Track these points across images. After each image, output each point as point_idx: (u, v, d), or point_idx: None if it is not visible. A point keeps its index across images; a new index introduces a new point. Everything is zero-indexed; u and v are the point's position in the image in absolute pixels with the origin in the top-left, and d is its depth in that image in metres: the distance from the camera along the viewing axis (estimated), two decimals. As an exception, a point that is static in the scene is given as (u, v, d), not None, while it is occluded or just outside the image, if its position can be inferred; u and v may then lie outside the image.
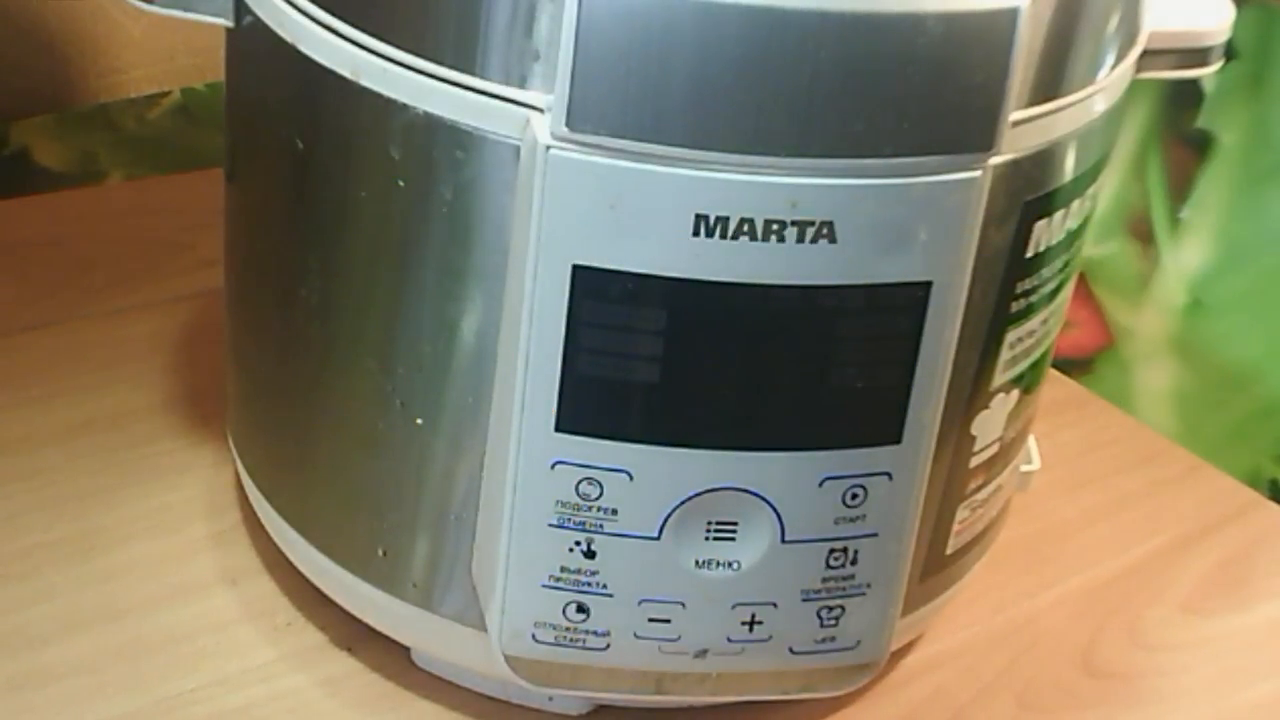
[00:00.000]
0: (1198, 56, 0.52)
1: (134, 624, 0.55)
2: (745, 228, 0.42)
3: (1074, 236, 0.50)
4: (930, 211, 0.43)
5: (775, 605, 0.48)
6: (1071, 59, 0.46)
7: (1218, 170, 0.76)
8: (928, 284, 0.44)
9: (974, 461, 0.51)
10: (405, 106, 0.44)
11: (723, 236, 0.42)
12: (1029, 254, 0.47)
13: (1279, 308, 0.76)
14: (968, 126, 0.42)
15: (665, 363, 0.44)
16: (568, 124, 0.41)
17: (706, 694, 0.50)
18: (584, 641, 0.48)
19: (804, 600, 0.48)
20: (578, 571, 0.47)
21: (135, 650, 0.54)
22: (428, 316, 0.47)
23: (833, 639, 0.49)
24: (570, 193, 0.42)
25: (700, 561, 0.47)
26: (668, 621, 0.48)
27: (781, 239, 0.42)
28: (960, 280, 0.44)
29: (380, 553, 0.51)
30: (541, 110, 0.42)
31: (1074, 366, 0.80)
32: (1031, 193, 0.46)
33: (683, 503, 0.46)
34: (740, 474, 0.45)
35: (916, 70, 0.41)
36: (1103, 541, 0.65)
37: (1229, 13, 0.52)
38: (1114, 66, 0.48)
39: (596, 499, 0.46)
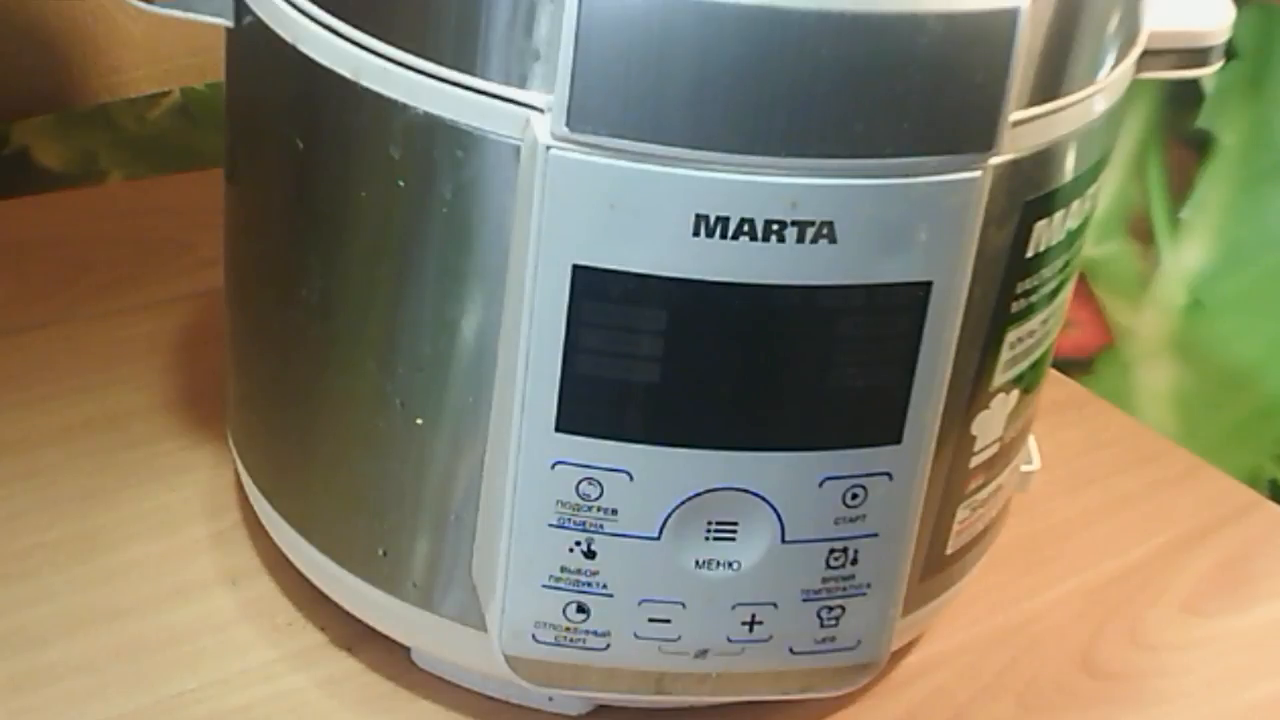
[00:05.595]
0: (1198, 57, 0.52)
1: (134, 624, 0.55)
2: (745, 228, 0.42)
3: (1074, 236, 0.50)
4: (930, 211, 0.43)
5: (775, 605, 0.48)
6: (1071, 59, 0.46)
7: (1218, 170, 0.76)
8: (928, 284, 0.44)
9: (974, 461, 0.51)
10: (405, 106, 0.44)
11: (723, 236, 0.42)
12: (1029, 254, 0.47)
13: (1279, 308, 0.76)
14: (968, 126, 0.42)
15: (665, 363, 0.44)
16: (568, 124, 0.41)
17: (706, 694, 0.50)
18: (584, 641, 0.48)
19: (804, 600, 0.48)
20: (578, 571, 0.47)
21: (135, 650, 0.54)
22: (428, 316, 0.47)
23: (833, 639, 0.49)
24: (570, 193, 0.42)
25: (700, 561, 0.47)
26: (668, 621, 0.48)
27: (781, 239, 0.42)
28: (960, 280, 0.44)
29: (380, 553, 0.51)
30: (542, 110, 0.42)
31: (1074, 366, 0.80)
32: (1032, 193, 0.46)
33: (683, 503, 0.46)
34: (740, 474, 0.45)
35: (917, 70, 0.41)
36: (1103, 541, 0.65)
37: (1229, 13, 0.52)
38: (1114, 67, 0.48)
39: (596, 499, 0.46)
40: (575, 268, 0.43)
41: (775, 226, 0.42)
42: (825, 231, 0.42)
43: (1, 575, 0.57)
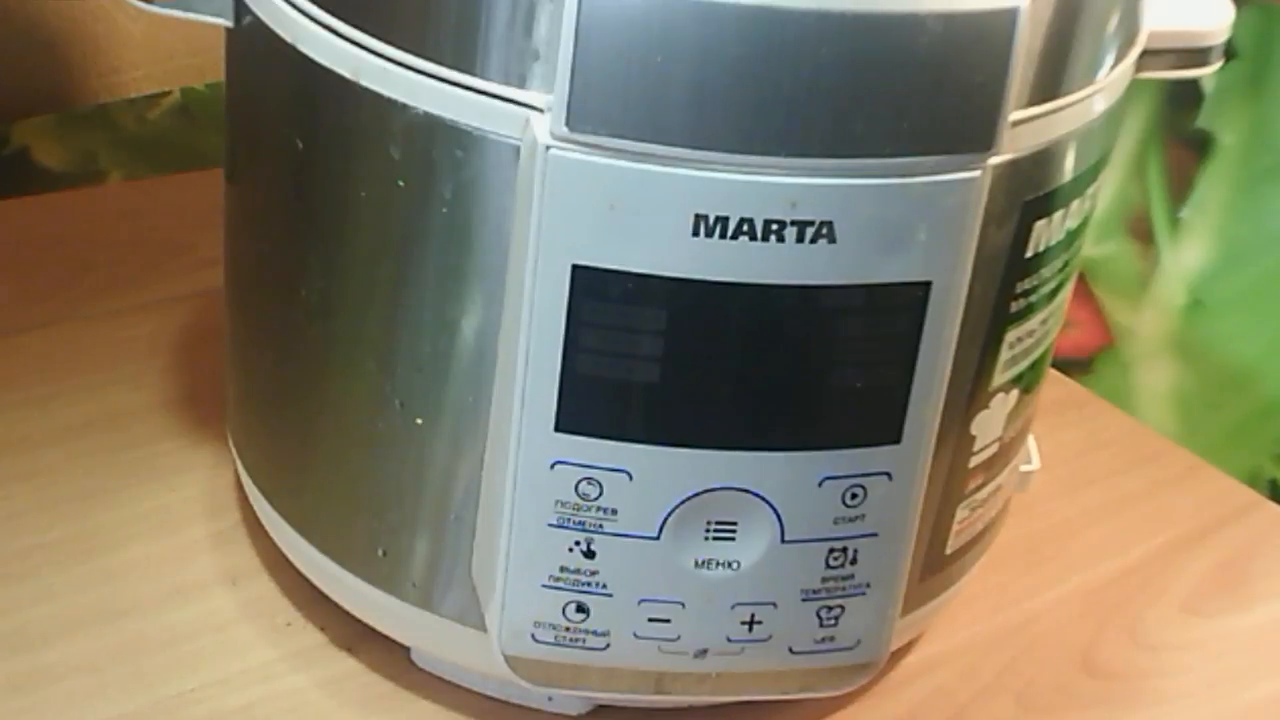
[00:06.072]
0: (1197, 56, 0.52)
1: (134, 624, 0.55)
2: (745, 228, 0.42)
3: (1074, 236, 0.50)
4: (930, 211, 0.43)
5: (775, 605, 0.48)
6: (1071, 59, 0.46)
7: (1217, 170, 0.76)
8: (927, 284, 0.44)
9: (973, 461, 0.51)
10: (405, 106, 0.44)
11: (722, 236, 0.42)
12: (1029, 254, 0.47)
13: (1279, 308, 0.76)
14: (967, 126, 0.42)
15: (665, 363, 0.44)
16: (567, 124, 0.41)
17: (706, 694, 0.50)
18: (584, 641, 0.48)
19: (804, 600, 0.48)
20: (577, 571, 0.47)
21: (135, 650, 0.54)
22: (427, 316, 0.47)
23: (832, 639, 0.49)
24: (570, 193, 0.42)
25: (700, 561, 0.47)
26: (667, 621, 0.48)
27: (781, 239, 0.42)
28: (960, 280, 0.44)
29: (380, 552, 0.51)
30: (541, 110, 0.42)
31: (1074, 366, 0.80)
32: (1031, 192, 0.46)
33: (682, 502, 0.46)
34: (740, 474, 0.45)
35: (916, 70, 0.41)
36: (1103, 541, 0.65)
37: (1228, 13, 0.52)
38: (1113, 66, 0.48)
39: (596, 499, 0.46)
40: (575, 267, 0.43)
41: (775, 226, 0.42)
42: (825, 231, 0.42)
43: (1, 575, 0.57)
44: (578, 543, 0.46)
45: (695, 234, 0.42)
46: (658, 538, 0.46)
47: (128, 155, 0.85)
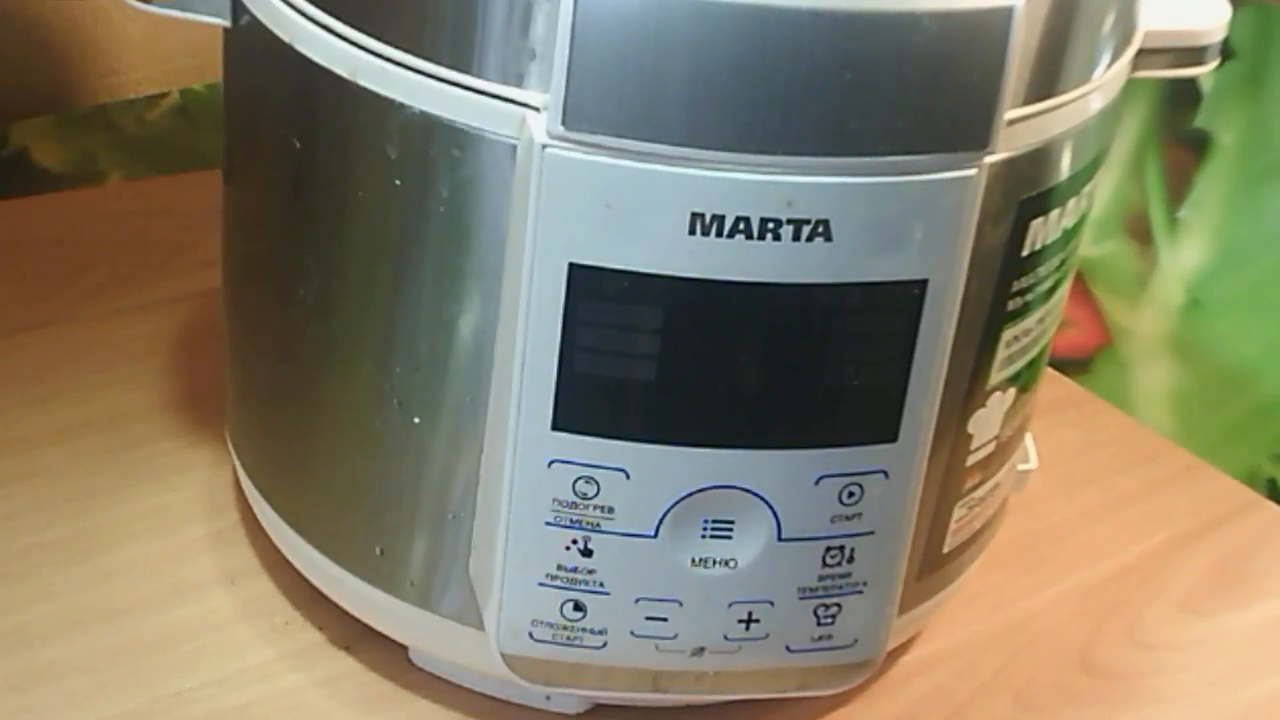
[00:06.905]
0: (1193, 55, 0.52)
1: (133, 624, 0.55)
2: (741, 226, 0.42)
3: (1070, 235, 0.50)
4: (926, 210, 0.43)
5: (772, 603, 0.48)
6: (1067, 57, 0.46)
7: (1216, 170, 0.76)
8: (924, 282, 0.44)
9: (971, 460, 0.51)
10: (402, 106, 0.44)
11: (719, 235, 0.42)
12: (1025, 252, 0.48)
13: (1278, 308, 0.76)
14: (963, 125, 0.42)
15: (661, 361, 0.44)
16: (564, 123, 0.41)
17: (703, 692, 0.50)
18: (581, 640, 0.48)
19: (801, 598, 0.48)
20: (575, 570, 0.47)
21: (134, 650, 0.54)
22: (425, 315, 0.47)
23: (829, 637, 0.49)
24: (567, 191, 0.42)
25: (697, 560, 0.47)
26: (664, 620, 0.48)
27: (777, 237, 0.42)
28: (956, 278, 0.45)
29: (378, 552, 0.51)
30: (538, 109, 0.42)
31: (1072, 366, 0.80)
32: (1027, 191, 0.46)
33: (679, 501, 0.46)
34: (737, 472, 0.46)
35: (912, 68, 0.41)
36: (1101, 541, 0.65)
37: (1224, 12, 0.52)
38: (1109, 65, 0.48)
39: (593, 497, 0.46)
40: (572, 266, 0.43)
41: (771, 225, 0.42)
42: (821, 230, 0.42)
43: (1, 575, 0.57)
44: (575, 541, 0.46)
45: (692, 232, 0.42)
46: (655, 536, 0.46)
47: (127, 156, 0.85)
